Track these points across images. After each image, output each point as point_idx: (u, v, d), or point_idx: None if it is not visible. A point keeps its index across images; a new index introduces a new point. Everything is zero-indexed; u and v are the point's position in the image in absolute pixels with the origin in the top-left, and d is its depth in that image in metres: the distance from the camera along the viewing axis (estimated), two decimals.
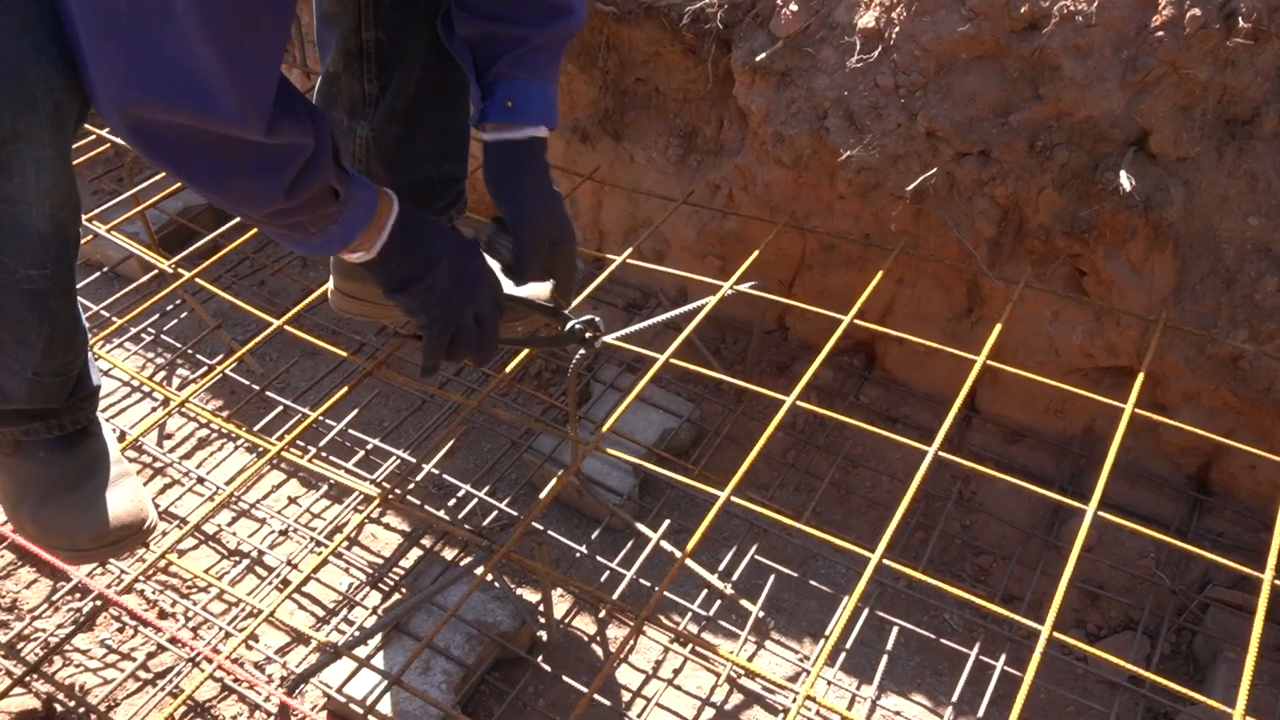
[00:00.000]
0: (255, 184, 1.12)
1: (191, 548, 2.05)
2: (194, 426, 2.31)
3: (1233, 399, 1.88)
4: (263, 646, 1.86)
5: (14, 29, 1.05)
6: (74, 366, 1.42)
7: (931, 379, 2.21)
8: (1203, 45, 1.65)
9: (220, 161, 1.09)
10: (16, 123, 1.09)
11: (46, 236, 1.23)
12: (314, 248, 1.29)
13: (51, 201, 1.20)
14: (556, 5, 1.37)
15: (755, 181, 2.14)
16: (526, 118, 1.40)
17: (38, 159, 1.15)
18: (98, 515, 1.47)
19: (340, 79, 1.51)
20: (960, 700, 1.76)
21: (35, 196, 1.18)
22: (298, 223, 1.23)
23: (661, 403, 2.21)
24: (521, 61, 1.37)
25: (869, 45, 1.88)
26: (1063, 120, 1.79)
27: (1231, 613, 1.84)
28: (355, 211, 1.27)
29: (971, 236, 1.96)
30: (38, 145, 1.13)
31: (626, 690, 1.81)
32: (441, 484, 2.15)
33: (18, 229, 1.20)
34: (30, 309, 1.29)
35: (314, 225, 1.25)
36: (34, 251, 1.23)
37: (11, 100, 1.07)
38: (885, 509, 2.07)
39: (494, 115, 1.39)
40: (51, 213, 1.21)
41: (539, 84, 1.40)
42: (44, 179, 1.17)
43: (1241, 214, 1.75)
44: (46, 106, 1.10)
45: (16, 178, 1.15)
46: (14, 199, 1.17)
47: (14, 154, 1.12)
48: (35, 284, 1.27)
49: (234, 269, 2.69)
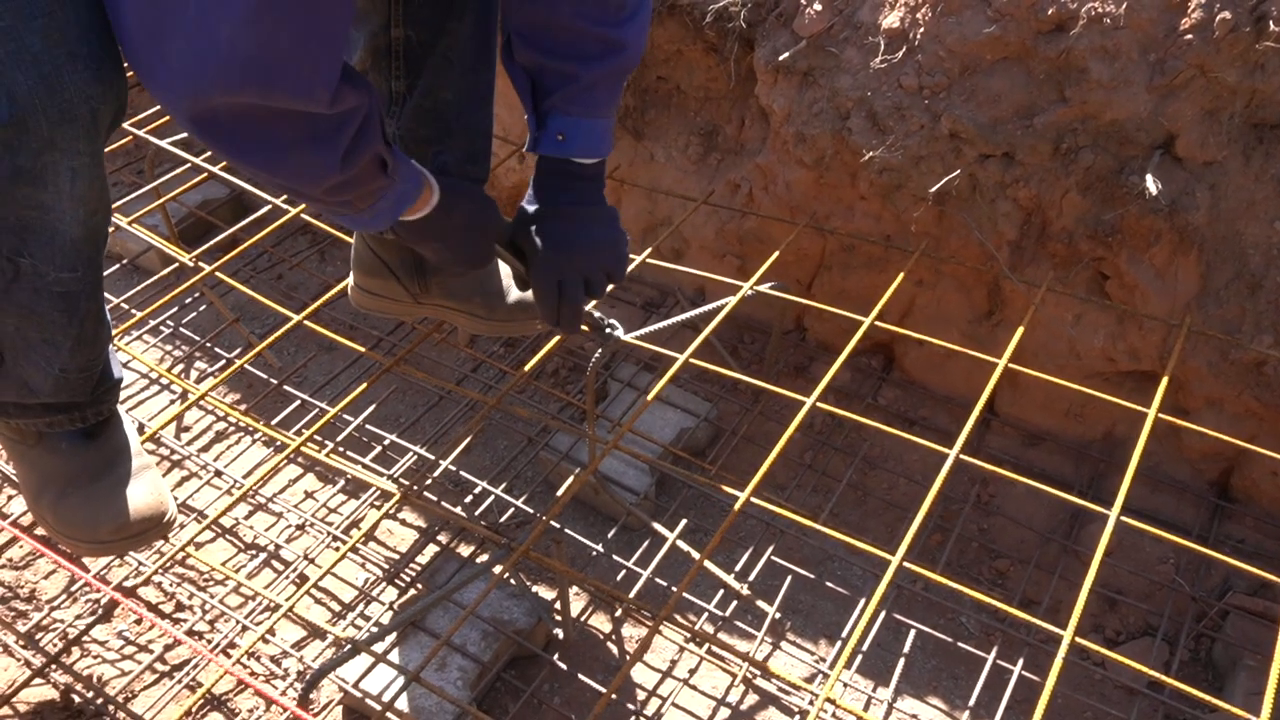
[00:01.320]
0: (312, 156, 1.12)
1: (209, 541, 2.05)
2: (212, 420, 2.32)
3: (1256, 405, 1.87)
4: (280, 640, 1.87)
5: (49, 37, 1.04)
6: (99, 362, 1.42)
7: (951, 381, 2.20)
8: (1232, 49, 1.64)
9: (276, 137, 1.08)
10: (53, 132, 1.08)
11: (79, 241, 1.23)
12: (363, 223, 1.30)
13: (85, 208, 1.20)
14: (610, 41, 1.38)
15: (776, 181, 2.13)
16: (576, 152, 1.44)
17: (73, 167, 1.14)
18: (118, 508, 1.47)
19: (366, 76, 1.51)
20: (977, 705, 1.75)
21: (70, 204, 1.18)
22: (347, 199, 1.23)
23: (679, 402, 2.21)
24: (577, 98, 1.40)
25: (893, 46, 1.87)
26: (1088, 123, 1.77)
27: (1252, 620, 1.82)
28: (402, 186, 1.29)
29: (994, 239, 1.95)
30: (74, 154, 1.13)
31: (642, 689, 1.81)
32: (458, 480, 2.15)
33: (50, 235, 1.20)
34: (60, 310, 1.30)
35: (362, 201, 1.25)
36: (65, 256, 1.24)
37: (47, 110, 1.06)
38: (902, 511, 2.06)
39: (545, 147, 1.44)
40: (85, 218, 1.21)
41: (591, 121, 1.43)
42: (79, 186, 1.17)
43: (1268, 219, 1.74)
44: (83, 115, 1.09)
45: (52, 186, 1.14)
46: (48, 206, 1.17)
47: (49, 164, 1.12)
48: (66, 286, 1.27)
49: (252, 263, 2.70)
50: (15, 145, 1.08)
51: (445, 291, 1.77)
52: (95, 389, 1.45)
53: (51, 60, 1.05)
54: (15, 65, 1.03)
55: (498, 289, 1.78)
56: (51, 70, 1.05)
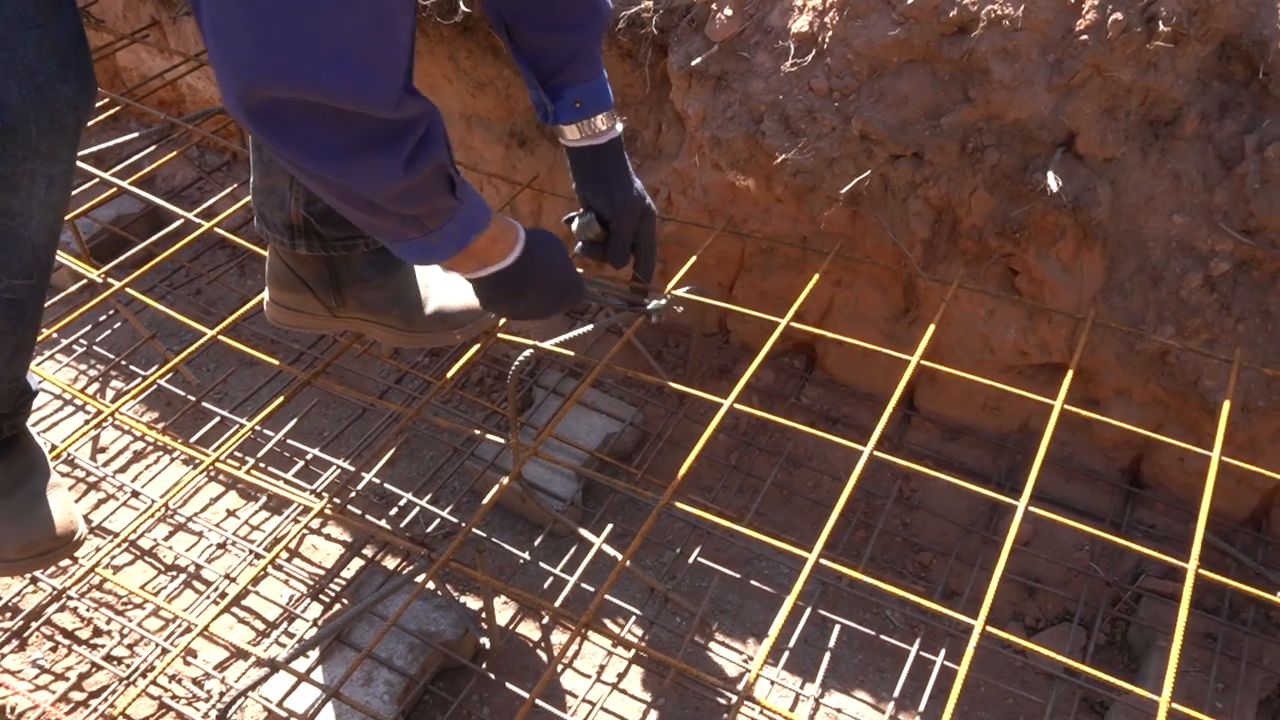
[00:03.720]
0: (376, 160, 1.11)
1: (127, 563, 2.01)
2: (129, 440, 2.27)
3: (1162, 393, 1.93)
4: (201, 662, 1.83)
5: (41, 47, 1.06)
6: (25, 371, 1.41)
7: (871, 379, 2.23)
8: (1125, 48, 1.68)
9: (342, 139, 1.07)
10: (40, 141, 1.10)
11: (40, 247, 1.23)
12: (432, 249, 1.30)
13: (54, 214, 1.21)
14: (595, 3, 1.47)
15: (694, 185, 2.14)
16: (592, 110, 1.53)
17: (51, 175, 1.15)
18: (27, 525, 1.44)
19: None
20: (902, 696, 1.78)
21: (39, 210, 1.18)
22: (417, 215, 1.22)
23: (604, 407, 2.21)
24: (585, 64, 1.50)
25: (803, 49, 1.89)
26: (992, 122, 1.81)
27: (1164, 602, 1.88)
28: (470, 210, 1.29)
29: (906, 237, 1.99)
30: (55, 161, 1.14)
31: (572, 696, 1.81)
32: (383, 493, 2.13)
33: (12, 241, 1.20)
34: (7, 318, 1.29)
35: (432, 221, 1.24)
36: (24, 262, 1.23)
37: (39, 119, 1.08)
38: (826, 508, 2.08)
39: (565, 116, 1.53)
40: (51, 224, 1.22)
41: (596, 81, 1.52)
42: (53, 193, 1.18)
43: (1166, 212, 1.79)
44: (70, 124, 1.11)
45: (24, 193, 1.14)
46: (15, 212, 1.16)
47: (28, 171, 1.12)
48: (18, 294, 1.27)
49: (169, 278, 2.65)
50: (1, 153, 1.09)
51: (361, 304, 1.76)
52: (17, 400, 1.43)
53: (44, 70, 1.07)
54: (9, 75, 1.05)
55: (415, 300, 1.77)
56: (45, 80, 1.07)
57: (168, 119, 2.62)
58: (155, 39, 2.92)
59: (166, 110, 2.94)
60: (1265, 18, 1.67)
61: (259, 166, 1.61)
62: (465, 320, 1.79)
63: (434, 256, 1.32)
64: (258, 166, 1.61)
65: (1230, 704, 1.77)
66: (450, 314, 1.78)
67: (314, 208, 1.60)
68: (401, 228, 1.25)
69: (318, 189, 1.17)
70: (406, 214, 1.22)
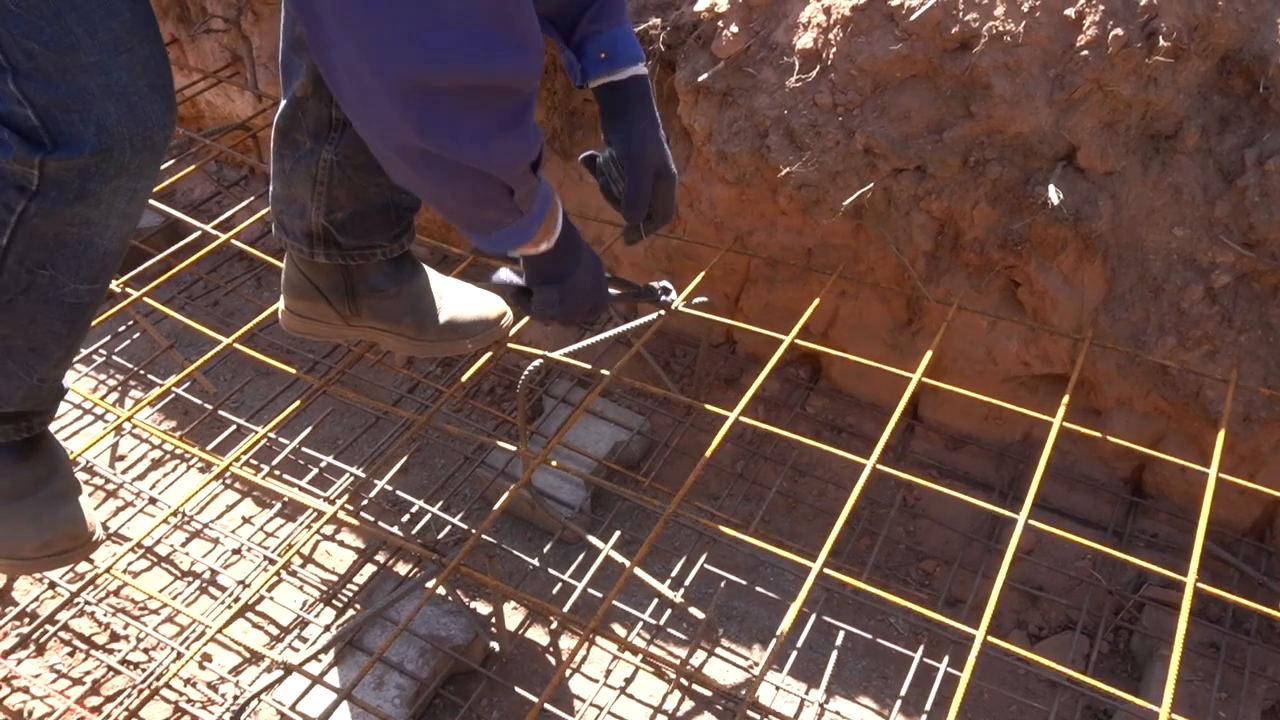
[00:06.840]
0: (515, 134, 1.14)
1: (144, 569, 2.05)
2: (147, 448, 2.31)
3: (1164, 404, 1.95)
4: (216, 667, 1.87)
5: (133, 70, 1.11)
6: (65, 373, 1.46)
7: (875, 389, 2.26)
8: (1125, 63, 1.71)
9: (491, 118, 1.10)
10: (132, 159, 1.15)
11: (110, 255, 1.29)
12: (521, 231, 1.31)
13: (129, 224, 1.26)
14: None
15: (701, 199, 2.18)
16: (621, 61, 1.50)
17: (134, 189, 1.21)
18: (44, 524, 1.48)
19: (308, 102, 1.53)
20: (905, 702, 1.80)
21: (116, 221, 1.24)
22: (526, 192, 1.24)
23: (613, 416, 2.25)
24: (601, 14, 1.47)
25: (807, 65, 1.93)
26: (994, 137, 1.84)
27: (1166, 611, 1.89)
28: (544, 187, 1.31)
29: (909, 250, 2.01)
30: (141, 178, 1.19)
31: (579, 700, 1.83)
32: (395, 500, 2.16)
33: (84, 248, 1.25)
34: (64, 321, 1.33)
35: (527, 202, 1.27)
36: (91, 268, 1.28)
37: (134, 139, 1.13)
38: (831, 516, 2.10)
39: (593, 70, 1.50)
40: (125, 234, 1.27)
41: (620, 29, 1.50)
42: (132, 206, 1.24)
43: (1167, 225, 1.82)
44: (159, 142, 1.16)
45: (104, 205, 1.20)
46: (92, 222, 1.22)
47: (116, 188, 1.18)
48: (80, 298, 1.31)
49: (187, 289, 2.70)
50: (93, 171, 1.15)
51: (375, 313, 1.80)
52: (53, 401, 1.48)
53: (137, 92, 1.12)
54: (106, 97, 1.10)
55: (428, 310, 1.81)
56: (137, 101, 1.12)
57: (186, 134, 2.67)
58: (174, 56, 2.98)
59: (185, 125, 3.00)
60: (1265, 33, 1.69)
61: (280, 176, 1.64)
62: (477, 330, 1.83)
63: (523, 238, 1.34)
64: (279, 176, 1.65)
65: (1233, 714, 1.78)
66: (462, 324, 1.81)
67: (334, 217, 1.64)
68: (503, 215, 1.27)
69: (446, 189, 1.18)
70: (522, 191, 1.24)
